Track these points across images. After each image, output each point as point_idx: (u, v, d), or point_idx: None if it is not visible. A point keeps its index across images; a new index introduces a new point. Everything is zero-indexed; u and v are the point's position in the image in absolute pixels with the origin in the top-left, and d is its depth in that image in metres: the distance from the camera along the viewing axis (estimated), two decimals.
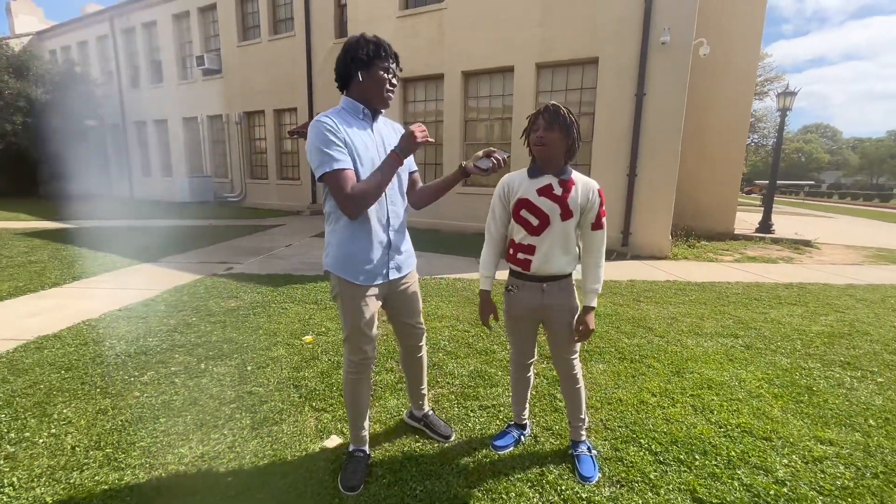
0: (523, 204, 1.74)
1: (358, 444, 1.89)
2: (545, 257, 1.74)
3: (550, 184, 1.71)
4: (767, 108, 22.58)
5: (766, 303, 4.57)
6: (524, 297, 1.83)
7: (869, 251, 8.40)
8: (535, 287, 1.80)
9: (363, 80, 1.58)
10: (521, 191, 1.75)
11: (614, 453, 2.04)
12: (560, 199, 1.70)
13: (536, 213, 1.72)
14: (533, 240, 1.74)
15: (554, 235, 1.72)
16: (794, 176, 59.61)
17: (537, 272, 1.77)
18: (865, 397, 2.62)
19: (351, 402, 1.84)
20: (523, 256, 1.77)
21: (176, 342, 3.23)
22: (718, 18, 8.81)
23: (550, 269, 1.76)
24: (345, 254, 1.65)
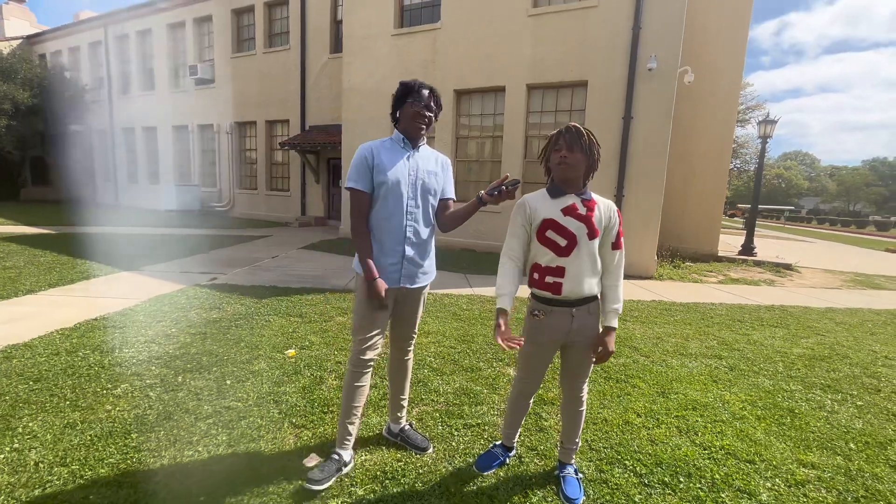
0: (549, 224, 1.69)
1: (338, 446, 1.96)
2: (576, 279, 1.69)
3: (574, 203, 1.69)
4: (749, 135, 23.39)
5: (748, 324, 4.63)
6: (553, 323, 1.74)
7: (847, 276, 8.62)
8: (565, 312, 1.73)
9: (399, 116, 1.90)
10: (545, 211, 1.71)
11: (599, 475, 2.01)
12: (585, 219, 1.68)
13: (564, 233, 1.68)
14: (562, 261, 1.69)
15: (582, 255, 1.69)
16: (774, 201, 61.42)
17: (569, 295, 1.70)
18: (846, 420, 2.65)
19: (344, 396, 1.95)
20: (552, 280, 1.70)
21: (153, 353, 3.13)
22: (703, 48, 9.14)
23: (581, 291, 1.71)
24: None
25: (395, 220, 1.86)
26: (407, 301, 2.00)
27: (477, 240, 8.84)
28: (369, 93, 9.59)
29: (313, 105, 12.62)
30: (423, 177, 1.91)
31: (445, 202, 2.03)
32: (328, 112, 12.27)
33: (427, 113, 1.85)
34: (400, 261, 1.89)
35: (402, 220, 1.87)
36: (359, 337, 1.91)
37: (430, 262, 2.03)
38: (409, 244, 1.89)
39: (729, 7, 9.25)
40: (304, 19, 12.38)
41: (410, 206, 1.88)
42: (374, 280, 1.82)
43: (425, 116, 1.85)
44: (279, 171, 13.90)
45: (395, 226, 1.86)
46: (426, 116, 1.85)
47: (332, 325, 3.93)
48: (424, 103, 1.84)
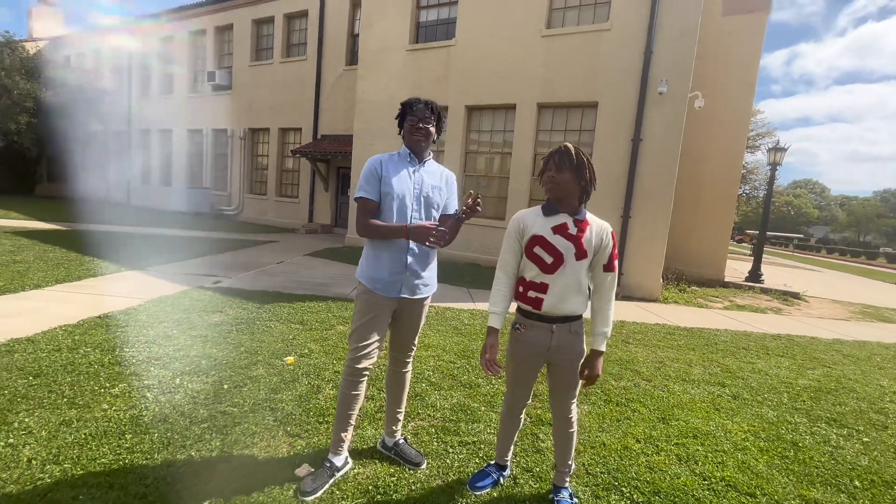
0: (537, 241, 1.72)
1: (332, 453, 1.98)
2: (559, 296, 1.71)
3: (566, 223, 1.71)
4: (758, 162, 23.34)
5: (753, 352, 4.56)
6: (532, 337, 1.77)
7: (856, 307, 8.49)
8: (545, 328, 1.75)
9: (403, 133, 1.99)
10: (536, 228, 1.73)
11: (595, 500, 1.97)
12: (575, 239, 1.69)
13: (551, 251, 1.70)
14: (546, 278, 1.71)
15: (567, 275, 1.70)
16: (783, 228, 60.90)
17: (549, 312, 1.73)
18: (851, 457, 2.58)
19: (339, 404, 1.97)
20: (534, 295, 1.73)
21: (153, 354, 3.14)
22: (714, 74, 9.21)
23: (563, 308, 1.72)
24: (368, 265, 1.97)
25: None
26: (407, 312, 2.02)
27: (480, 254, 8.84)
28: (382, 105, 9.73)
29: (326, 115, 12.82)
30: (427, 191, 1.98)
31: (447, 217, 2.06)
32: (340, 122, 12.45)
33: (422, 125, 1.92)
34: (402, 271, 1.93)
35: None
36: (355, 345, 1.94)
37: (432, 273, 2.06)
38: (411, 255, 1.94)
39: (741, 35, 9.34)
40: (321, 31, 12.67)
41: (414, 218, 1.94)
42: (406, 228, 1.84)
43: (421, 129, 1.92)
44: (289, 178, 14.07)
45: (397, 239, 1.91)
46: (422, 129, 1.93)
47: (332, 333, 3.93)
48: (419, 117, 1.92)
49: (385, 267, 1.92)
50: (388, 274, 1.92)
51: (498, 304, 1.79)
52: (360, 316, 1.95)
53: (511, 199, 8.54)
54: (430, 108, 1.94)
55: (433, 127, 1.95)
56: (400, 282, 1.94)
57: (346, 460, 2.02)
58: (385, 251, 1.92)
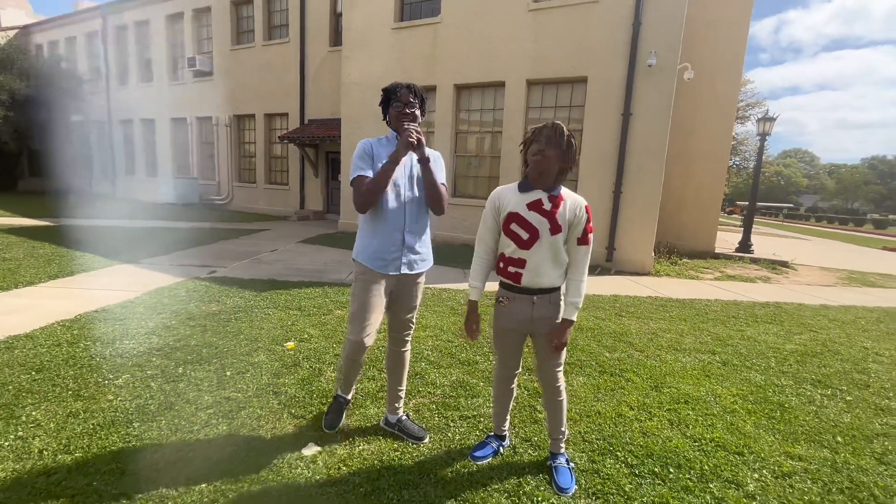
0: (513, 218, 1.78)
1: (342, 392, 2.26)
2: (536, 271, 1.78)
3: (540, 199, 1.76)
4: (748, 132, 23.38)
5: (743, 321, 4.68)
6: (515, 309, 1.86)
7: (842, 273, 8.69)
8: (526, 300, 1.84)
9: (388, 118, 2.04)
10: (512, 205, 1.79)
11: (591, 465, 2.06)
12: (549, 214, 1.74)
13: (526, 227, 1.76)
14: (523, 253, 1.78)
15: (543, 249, 1.76)
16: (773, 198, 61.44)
17: (528, 285, 1.81)
18: (834, 415, 2.70)
19: (344, 370, 2.18)
20: (514, 270, 1.81)
21: (153, 345, 3.17)
22: (703, 45, 9.13)
23: (541, 282, 1.80)
24: (365, 244, 2.03)
25: (393, 209, 1.98)
26: (405, 288, 2.10)
27: (474, 235, 8.84)
28: (369, 87, 9.57)
29: (313, 99, 12.58)
30: (417, 169, 2.04)
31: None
32: (327, 106, 12.23)
33: (408, 110, 1.97)
34: (400, 248, 2.01)
35: (402, 209, 2.00)
36: (356, 325, 2.01)
37: (427, 249, 2.16)
38: (407, 232, 2.01)
39: (730, 4, 9.23)
40: (303, 12, 12.31)
41: (407, 196, 2.01)
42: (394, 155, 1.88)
43: (407, 114, 1.98)
44: (278, 165, 13.89)
45: (393, 215, 1.98)
46: (408, 114, 1.98)
47: (330, 318, 3.97)
48: (404, 102, 1.97)
49: (385, 244, 1.98)
50: (387, 251, 1.99)
51: (476, 279, 1.91)
52: (360, 296, 2.01)
53: (503, 179, 8.53)
54: (413, 91, 1.99)
55: (418, 110, 2.01)
56: (398, 258, 2.01)
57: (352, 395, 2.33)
58: (382, 229, 1.98)
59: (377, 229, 2.00)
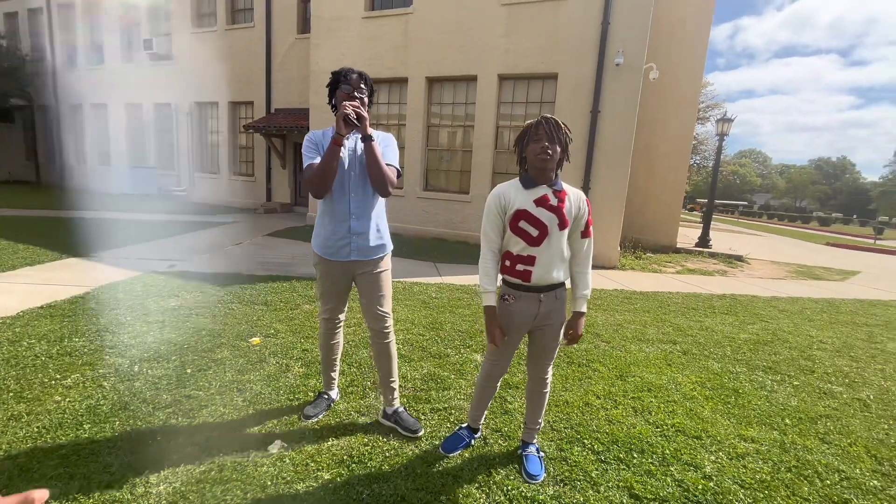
0: (522, 215, 1.73)
1: (326, 388, 2.38)
2: (546, 267, 1.75)
3: (546, 194, 1.73)
4: (708, 133, 24.39)
5: (701, 312, 4.91)
6: (521, 307, 1.80)
7: (791, 267, 9.25)
8: (533, 297, 1.79)
9: (334, 102, 2.02)
10: (518, 202, 1.74)
11: (559, 453, 2.10)
12: (557, 210, 1.72)
13: (536, 223, 1.72)
14: (533, 250, 1.74)
15: (553, 245, 1.74)
16: (729, 196, 64.71)
17: (538, 282, 1.76)
18: (783, 399, 2.88)
19: (322, 351, 2.30)
20: (523, 268, 1.75)
21: (106, 343, 2.99)
22: (667, 47, 9.44)
23: (550, 278, 1.77)
24: (317, 232, 2.09)
25: (339, 196, 1.99)
26: (364, 275, 2.10)
27: (445, 228, 8.87)
28: None
29: (280, 87, 12.17)
30: (362, 154, 1.99)
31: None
32: (295, 95, 11.86)
33: (357, 95, 1.94)
34: (347, 235, 2.02)
35: (346, 195, 1.99)
36: (323, 306, 2.19)
37: (381, 235, 2.11)
38: (353, 219, 2.01)
39: (692, 8, 9.57)
40: None
41: (353, 181, 2.00)
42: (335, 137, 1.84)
43: (354, 99, 1.94)
44: (243, 155, 13.38)
45: (339, 202, 1.99)
46: (354, 97, 1.94)
47: (298, 312, 3.87)
48: (354, 86, 1.94)
49: (331, 232, 2.02)
50: (334, 238, 2.02)
51: (489, 284, 1.79)
52: (321, 283, 2.16)
53: (475, 173, 8.55)
54: (364, 79, 1.98)
55: (366, 98, 1.99)
56: (348, 246, 2.03)
57: (337, 394, 2.41)
58: (328, 216, 2.02)
59: (325, 216, 2.04)
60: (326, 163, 1.87)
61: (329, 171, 1.88)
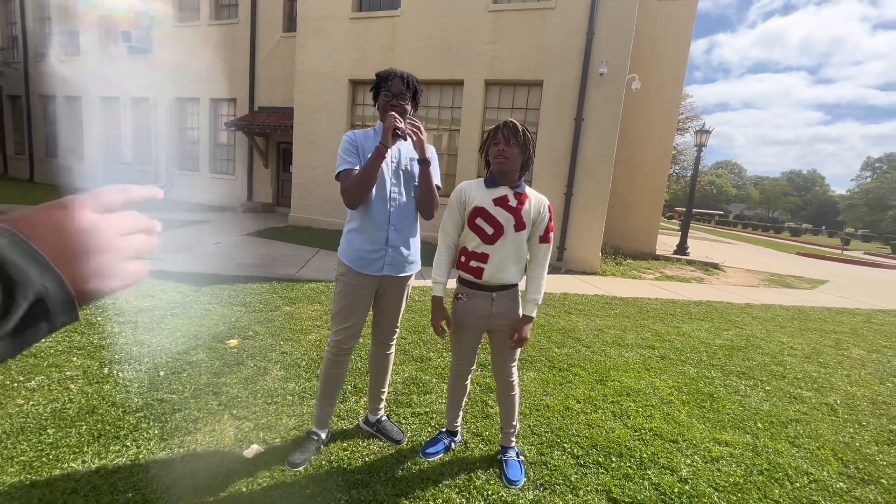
0: (479, 212, 1.77)
1: (318, 426, 2.04)
2: (498, 266, 1.78)
3: (507, 195, 1.77)
4: (687, 143, 25.11)
5: (679, 318, 5.01)
6: (474, 305, 1.85)
7: (764, 275, 9.55)
8: (485, 296, 1.83)
9: (377, 104, 1.92)
10: (478, 200, 1.78)
11: (539, 457, 2.11)
12: (515, 211, 1.76)
13: (492, 222, 1.76)
14: (487, 248, 1.78)
15: (507, 245, 1.77)
16: (706, 205, 66.56)
17: (489, 281, 1.80)
18: (756, 403, 2.95)
19: (322, 381, 1.99)
20: (476, 264, 1.79)
21: (74, 344, 2.87)
22: (649, 59, 9.68)
23: (502, 278, 1.80)
24: (348, 242, 1.90)
25: (378, 206, 1.85)
26: (390, 291, 1.98)
27: (431, 232, 8.85)
28: (324, 76, 9.27)
29: (263, 85, 11.99)
30: (405, 164, 1.92)
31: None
32: (279, 94, 11.71)
33: (397, 102, 1.85)
34: (383, 248, 1.88)
35: (386, 205, 1.86)
36: (338, 326, 1.92)
37: (415, 251, 2.01)
38: (392, 231, 1.88)
39: (674, 22, 9.84)
40: None
41: (393, 193, 1.88)
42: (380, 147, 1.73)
43: (396, 107, 1.85)
44: (224, 153, 13.10)
45: (378, 212, 1.86)
46: (397, 107, 1.85)
47: (278, 314, 3.80)
48: (395, 93, 1.85)
49: (366, 243, 1.86)
50: (369, 251, 1.86)
51: (440, 275, 1.85)
52: (342, 297, 1.90)
53: (459, 177, 8.57)
54: (407, 82, 1.86)
55: (409, 104, 1.88)
56: (382, 259, 1.88)
57: (329, 434, 2.09)
58: (366, 226, 1.86)
59: (360, 227, 1.87)
60: (367, 174, 1.75)
61: (369, 182, 1.77)
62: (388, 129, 1.73)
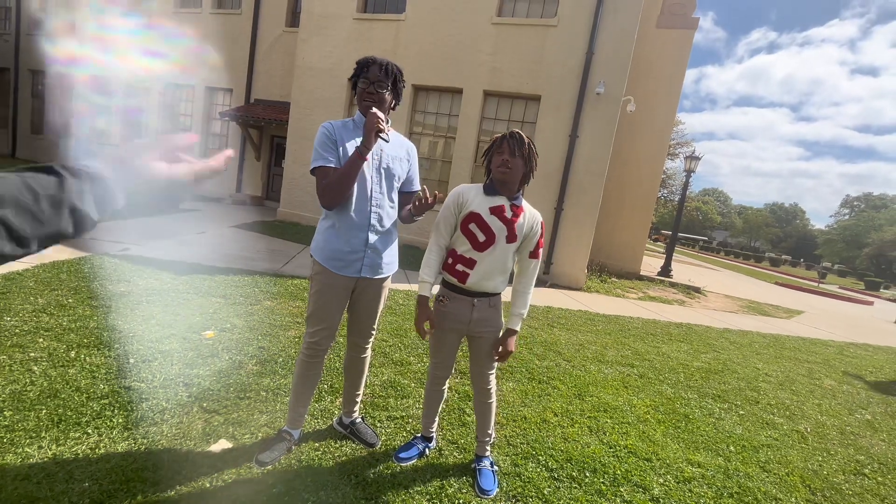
0: (474, 218, 1.75)
1: (289, 426, 1.97)
2: (483, 274, 1.77)
3: (503, 205, 1.76)
4: (676, 168, 25.66)
5: (659, 338, 5.06)
6: (454, 309, 1.83)
7: (743, 302, 9.74)
8: (466, 301, 1.81)
9: (355, 95, 1.80)
10: (475, 205, 1.76)
11: (514, 469, 2.09)
12: (509, 223, 1.75)
13: (485, 229, 1.74)
14: (475, 254, 1.76)
15: (496, 255, 1.76)
16: (692, 230, 67.91)
17: (472, 287, 1.79)
18: (729, 426, 2.98)
19: (296, 381, 1.93)
20: (462, 269, 1.78)
21: (42, 324, 2.77)
22: (644, 83, 9.88)
23: (486, 286, 1.79)
24: (325, 241, 1.80)
25: (358, 205, 1.76)
26: (367, 292, 1.91)
27: (417, 236, 8.84)
28: (324, 73, 9.25)
29: (261, 78, 11.90)
30: (387, 161, 1.83)
31: (410, 196, 1.97)
32: (277, 87, 11.63)
33: (378, 90, 1.71)
34: (363, 248, 1.80)
35: (367, 205, 1.77)
36: (313, 328, 1.85)
37: (393, 252, 1.95)
38: (372, 231, 1.80)
39: (671, 49, 10.08)
40: None
41: (375, 192, 1.79)
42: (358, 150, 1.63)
43: (372, 94, 1.72)
44: (216, 143, 12.94)
45: (358, 212, 1.76)
46: (373, 94, 1.72)
47: (259, 308, 3.72)
48: (372, 79, 1.71)
49: (344, 244, 1.77)
50: (347, 251, 1.78)
51: (429, 275, 1.81)
52: (318, 297, 1.82)
53: (452, 184, 8.59)
54: (386, 70, 1.72)
55: (388, 93, 1.74)
56: (360, 261, 1.81)
57: (301, 434, 2.02)
58: (344, 226, 1.76)
59: (338, 226, 1.77)
60: (347, 176, 1.65)
61: (348, 185, 1.68)
62: (370, 132, 1.61)
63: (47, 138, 14.83)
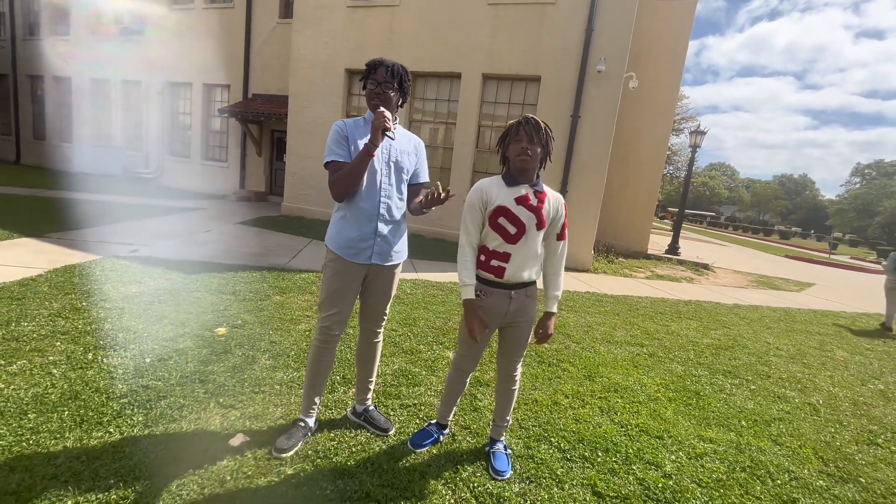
0: (502, 212, 1.74)
1: (304, 414, 2.04)
2: (520, 265, 1.76)
3: (527, 193, 1.74)
4: (681, 144, 25.28)
5: (668, 316, 5.06)
6: (492, 303, 1.80)
7: (753, 277, 9.67)
8: (504, 294, 1.80)
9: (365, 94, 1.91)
10: (500, 198, 1.74)
11: (526, 451, 2.12)
12: (536, 210, 1.74)
13: (514, 221, 1.73)
14: (509, 248, 1.75)
15: (528, 244, 1.76)
16: (699, 206, 67.19)
17: (510, 280, 1.77)
18: (741, 402, 2.99)
19: (309, 368, 2.00)
20: (497, 264, 1.76)
21: (58, 328, 2.82)
22: (646, 58, 9.68)
23: (521, 277, 1.78)
24: (337, 231, 1.91)
25: (368, 196, 1.87)
26: (378, 279, 1.99)
27: (423, 225, 8.84)
28: (321, 65, 9.16)
29: (258, 72, 11.81)
30: (396, 155, 1.93)
31: (418, 188, 2.05)
32: (274, 81, 11.55)
33: (385, 91, 1.85)
34: (372, 237, 1.89)
35: (376, 196, 1.88)
36: (326, 312, 1.92)
37: (403, 241, 2.04)
38: (382, 221, 1.90)
39: (672, 22, 9.84)
40: None
41: (384, 184, 1.90)
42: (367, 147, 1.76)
43: (379, 94, 1.85)
44: (216, 140, 12.92)
45: (368, 203, 1.87)
46: (380, 94, 1.85)
47: (268, 304, 3.77)
48: (378, 80, 1.85)
49: (355, 233, 1.88)
50: (358, 239, 1.88)
51: (469, 276, 1.78)
52: (330, 284, 1.92)
53: (454, 170, 8.55)
54: (392, 71, 1.86)
55: (394, 92, 1.87)
56: (370, 248, 1.90)
57: (316, 422, 2.07)
58: (355, 216, 1.87)
59: (349, 216, 1.88)
60: (355, 171, 1.78)
61: (357, 179, 1.80)
62: (377, 129, 1.74)
63: (50, 143, 14.90)
